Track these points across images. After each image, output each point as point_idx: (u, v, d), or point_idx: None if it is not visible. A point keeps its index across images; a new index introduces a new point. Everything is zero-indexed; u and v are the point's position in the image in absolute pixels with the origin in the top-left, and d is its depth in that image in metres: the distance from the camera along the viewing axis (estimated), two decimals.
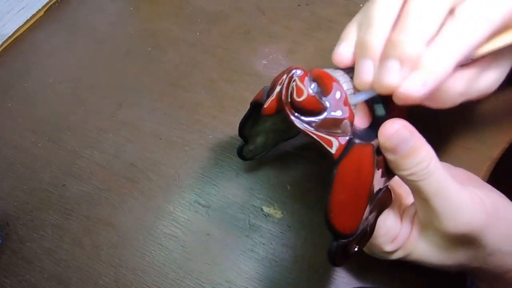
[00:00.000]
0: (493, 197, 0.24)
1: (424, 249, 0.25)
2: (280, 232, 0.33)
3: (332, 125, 0.23)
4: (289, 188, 0.35)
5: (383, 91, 0.24)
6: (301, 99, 0.24)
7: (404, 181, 0.24)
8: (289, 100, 0.24)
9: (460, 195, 0.23)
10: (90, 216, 0.36)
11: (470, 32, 0.23)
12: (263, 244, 0.33)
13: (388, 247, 0.25)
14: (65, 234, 0.36)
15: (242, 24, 0.47)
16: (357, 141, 0.22)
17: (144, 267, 0.33)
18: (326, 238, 0.31)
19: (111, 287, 0.33)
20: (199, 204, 0.36)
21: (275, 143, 0.35)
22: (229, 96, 0.41)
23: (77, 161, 0.39)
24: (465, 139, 0.35)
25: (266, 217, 0.34)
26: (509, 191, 0.28)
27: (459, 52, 0.23)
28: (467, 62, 0.24)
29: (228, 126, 0.39)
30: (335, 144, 0.22)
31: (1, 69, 0.48)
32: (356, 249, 0.24)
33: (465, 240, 0.23)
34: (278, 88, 0.25)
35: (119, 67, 0.46)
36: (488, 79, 0.25)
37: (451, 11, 0.23)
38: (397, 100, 0.24)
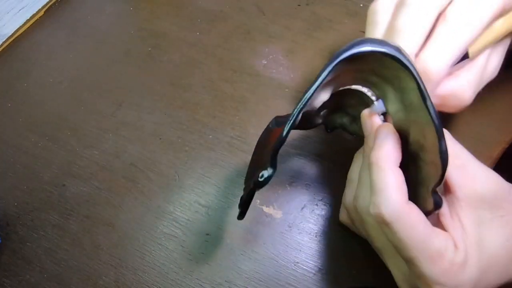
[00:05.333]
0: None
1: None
2: (280, 232, 0.33)
3: None
4: (289, 188, 0.35)
5: None
6: None
7: None
8: None
9: None
10: (90, 216, 0.36)
11: (460, 33, 0.24)
12: (263, 244, 0.33)
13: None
14: (65, 234, 0.36)
15: (242, 24, 0.47)
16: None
17: (144, 267, 0.33)
18: (326, 238, 0.31)
19: (111, 287, 0.33)
20: (199, 204, 0.36)
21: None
22: (229, 96, 0.41)
23: (77, 161, 0.39)
24: (465, 139, 0.35)
25: (266, 217, 0.34)
26: None
27: (451, 53, 0.24)
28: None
29: (228, 126, 0.39)
30: None
31: (1, 69, 0.48)
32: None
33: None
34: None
35: (119, 67, 0.46)
36: (492, 66, 0.27)
37: (442, 14, 0.24)
38: None
